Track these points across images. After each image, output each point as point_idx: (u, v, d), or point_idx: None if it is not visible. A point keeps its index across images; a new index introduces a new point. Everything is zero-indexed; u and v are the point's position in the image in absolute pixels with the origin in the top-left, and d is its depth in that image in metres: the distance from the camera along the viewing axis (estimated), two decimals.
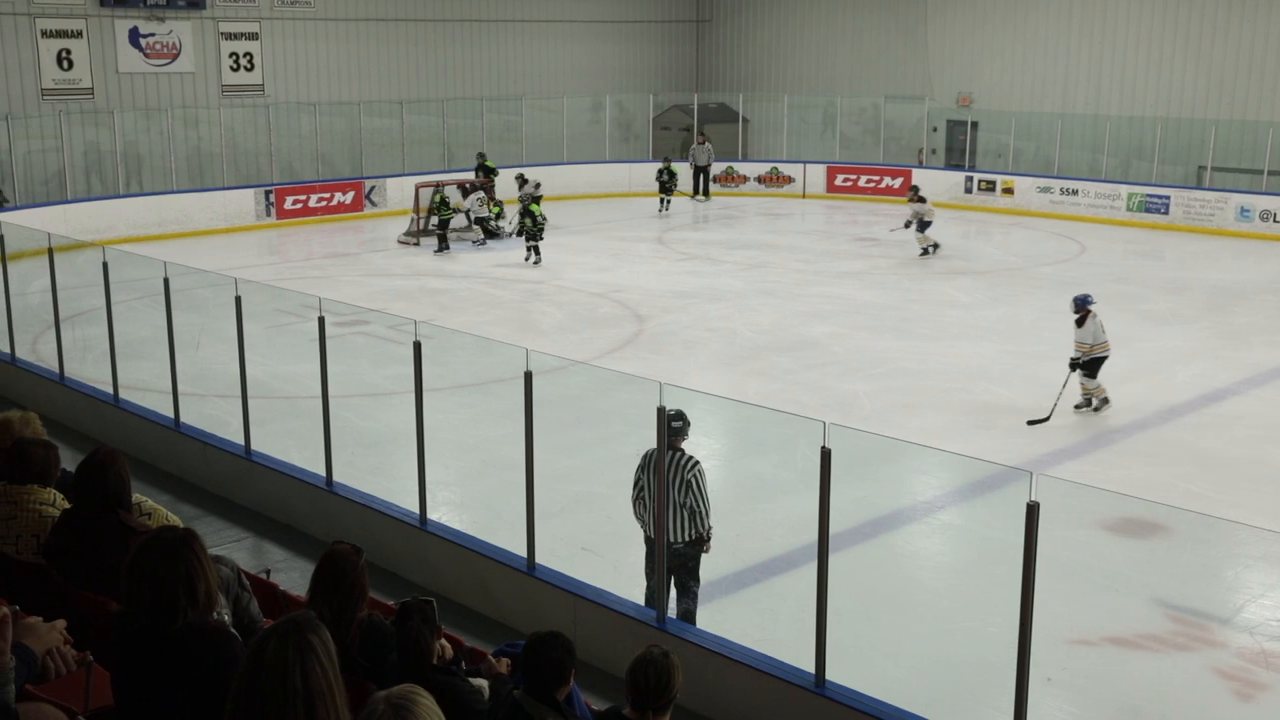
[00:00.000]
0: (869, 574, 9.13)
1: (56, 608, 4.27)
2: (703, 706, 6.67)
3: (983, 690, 7.41)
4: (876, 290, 19.45)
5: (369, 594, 4.76)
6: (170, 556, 3.62)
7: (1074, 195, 27.71)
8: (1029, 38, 29.82)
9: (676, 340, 16.27)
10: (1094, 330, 12.75)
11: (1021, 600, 5.50)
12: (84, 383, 12.16)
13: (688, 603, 7.74)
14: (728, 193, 31.18)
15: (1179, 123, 27.19)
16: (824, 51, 33.78)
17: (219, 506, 9.90)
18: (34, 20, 24.36)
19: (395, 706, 2.59)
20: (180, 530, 3.79)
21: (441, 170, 28.08)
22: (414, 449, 8.41)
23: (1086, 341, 12.76)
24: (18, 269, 13.81)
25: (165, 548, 3.66)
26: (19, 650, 3.17)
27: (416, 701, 2.62)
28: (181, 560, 3.62)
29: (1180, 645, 8.27)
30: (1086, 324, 12.77)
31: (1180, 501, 10.01)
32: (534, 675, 4.44)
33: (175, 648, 3.51)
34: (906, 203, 23.21)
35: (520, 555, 7.87)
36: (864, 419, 12.42)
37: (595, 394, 13.48)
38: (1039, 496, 5.38)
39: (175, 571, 3.59)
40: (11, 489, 5.11)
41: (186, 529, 3.81)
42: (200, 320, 14.29)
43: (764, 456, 11.59)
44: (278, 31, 27.91)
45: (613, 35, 34.32)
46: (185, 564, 3.62)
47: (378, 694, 2.65)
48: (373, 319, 15.83)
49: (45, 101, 24.51)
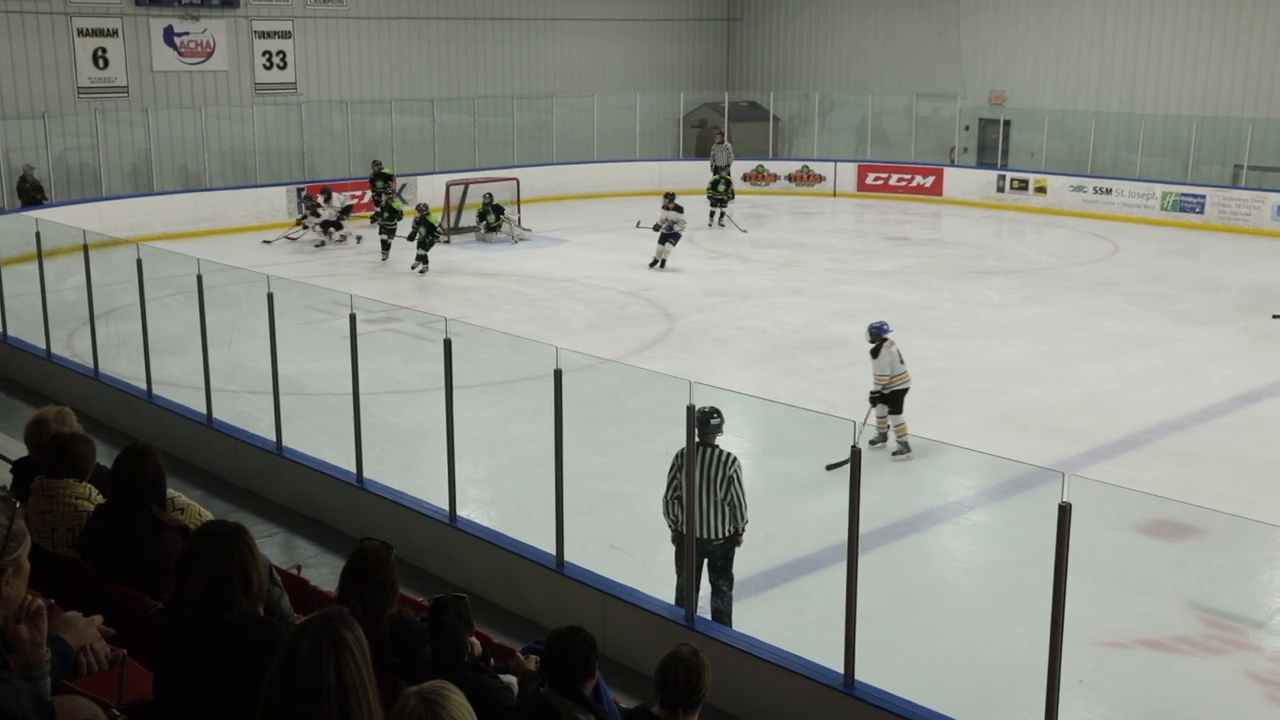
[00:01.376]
0: (899, 574, 9.09)
1: (90, 601, 4.31)
2: (731, 705, 6.66)
3: (1013, 692, 7.37)
4: (907, 289, 19.36)
5: (399, 590, 4.79)
6: (225, 548, 3.67)
7: (1108, 194, 27.50)
8: (1063, 35, 29.59)
9: (706, 339, 16.25)
10: (890, 360, 11.43)
11: (1053, 602, 5.46)
12: (118, 378, 12.27)
13: (719, 602, 7.73)
14: (758, 191, 31.10)
15: (1215, 121, 26.92)
16: (855, 49, 33.64)
17: (250, 502, 9.97)
18: (70, 19, 24.59)
19: (427, 701, 2.60)
20: (231, 523, 3.84)
21: (472, 168, 28.15)
22: (444, 446, 8.44)
23: (884, 373, 11.44)
24: (54, 265, 13.95)
25: (220, 539, 3.71)
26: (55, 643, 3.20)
27: (448, 696, 2.63)
28: (236, 551, 3.67)
29: (1214, 649, 8.19)
30: (882, 354, 11.42)
31: (1214, 503, 9.90)
32: (558, 670, 4.44)
33: (228, 637, 3.55)
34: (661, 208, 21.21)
35: (549, 553, 7.88)
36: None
37: (625, 392, 13.48)
38: (1071, 497, 5.34)
39: (230, 562, 3.64)
40: (48, 483, 5.16)
41: (236, 523, 3.85)
42: (233, 317, 14.39)
43: (794, 456, 11.56)
44: (310, 30, 28.05)
45: (644, 33, 34.31)
46: (239, 555, 3.67)
47: (409, 689, 2.67)
48: (403, 316, 15.89)
49: (81, 100, 24.73)
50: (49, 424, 5.55)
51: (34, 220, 14.44)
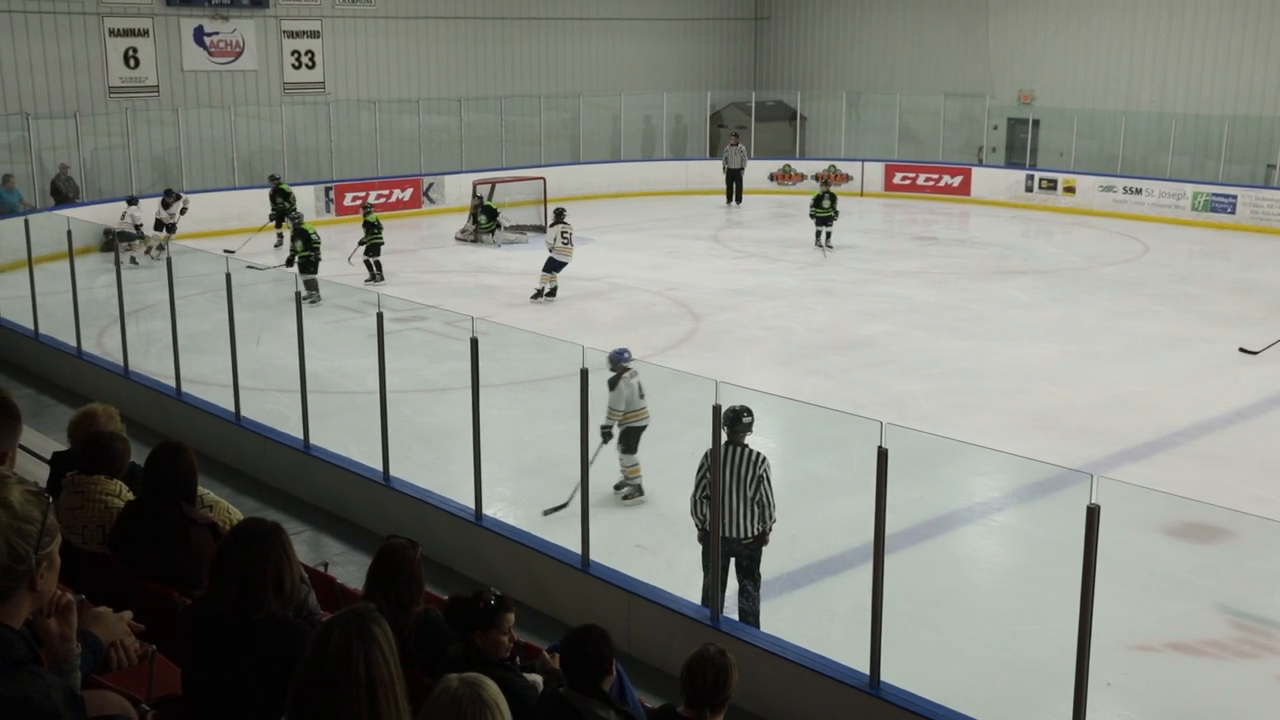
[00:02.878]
0: (925, 575, 9.06)
1: (120, 597, 4.35)
2: (756, 705, 6.66)
3: (1041, 694, 7.33)
4: (934, 289, 19.28)
5: (425, 588, 4.81)
6: (260, 548, 3.69)
7: (1137, 194, 27.30)
8: (1092, 34, 29.39)
9: (732, 339, 16.23)
10: (630, 394, 9.98)
11: (1081, 604, 5.43)
12: (148, 376, 12.36)
13: (746, 603, 7.72)
14: (784, 191, 31.04)
15: (1247, 120, 26.68)
16: (883, 48, 33.51)
17: (278, 499, 10.03)
18: (102, 19, 24.80)
19: (468, 683, 2.72)
20: (268, 522, 3.85)
21: (499, 168, 28.23)
22: (470, 444, 8.46)
23: (619, 407, 9.97)
24: (84, 264, 14.09)
25: (255, 539, 3.73)
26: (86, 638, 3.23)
27: (485, 681, 2.75)
28: (271, 552, 3.69)
29: (1244, 652, 8.12)
30: (620, 385, 9.97)
31: (1244, 506, 9.81)
32: (575, 669, 4.44)
33: (256, 637, 3.58)
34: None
35: (575, 552, 7.90)
36: (921, 419, 12.31)
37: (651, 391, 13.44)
38: (1099, 499, 5.31)
39: (265, 563, 3.67)
40: (80, 479, 5.21)
41: (274, 522, 3.86)
42: (261, 316, 14.48)
43: (820, 456, 11.53)
44: (339, 29, 28.19)
45: (671, 33, 34.30)
46: (274, 556, 3.69)
47: (449, 675, 2.75)
48: (430, 315, 15.94)
49: (112, 99, 24.93)
50: (97, 419, 5.60)
51: (65, 219, 14.58)
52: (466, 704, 2.68)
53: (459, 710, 2.67)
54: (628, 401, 9.96)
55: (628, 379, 9.97)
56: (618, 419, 9.98)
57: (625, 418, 10.01)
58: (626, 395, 9.95)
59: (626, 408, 9.97)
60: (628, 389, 9.95)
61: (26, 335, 14.21)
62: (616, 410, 9.94)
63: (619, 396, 9.93)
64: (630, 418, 10.04)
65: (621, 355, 10.13)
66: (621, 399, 9.93)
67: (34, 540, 2.50)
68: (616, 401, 9.92)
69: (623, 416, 9.99)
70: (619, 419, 9.98)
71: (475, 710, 2.68)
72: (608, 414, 9.95)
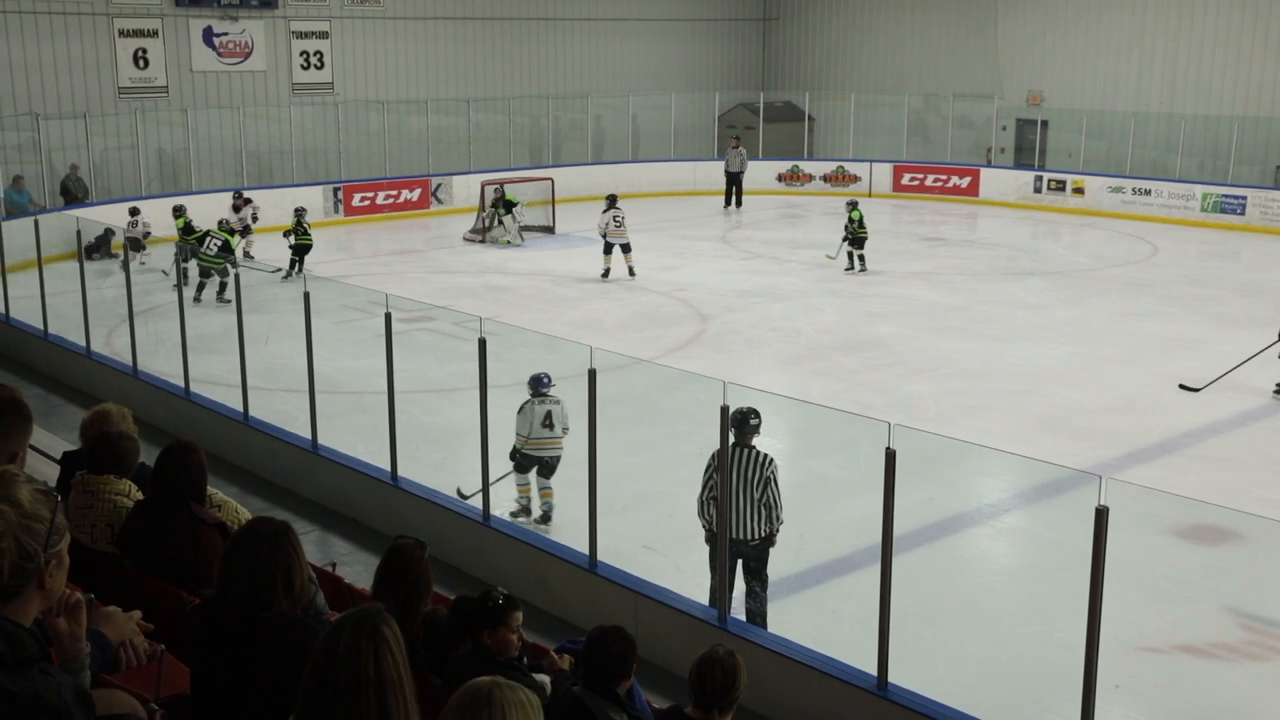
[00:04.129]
0: (933, 577, 9.05)
1: (129, 596, 4.36)
2: (763, 706, 6.66)
3: (1048, 696, 7.32)
4: (943, 290, 19.26)
5: (433, 588, 4.81)
6: (271, 547, 3.69)
7: (1146, 195, 27.24)
8: (1101, 35, 29.34)
9: (740, 339, 16.23)
10: (533, 421, 9.61)
11: (1089, 606, 5.42)
12: (156, 376, 12.39)
13: (753, 604, 7.72)
14: (793, 191, 31.03)
15: (1257, 121, 26.61)
16: (892, 49, 33.48)
17: (286, 499, 10.04)
18: (111, 20, 24.87)
19: (497, 683, 2.63)
20: (278, 521, 3.85)
21: (507, 168, 28.25)
22: (478, 445, 8.47)
23: (522, 432, 9.68)
24: (94, 264, 14.11)
25: (265, 538, 3.73)
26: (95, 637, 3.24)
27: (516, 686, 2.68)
28: (281, 550, 3.69)
29: (1253, 655, 8.10)
30: (525, 410, 9.70)
31: (1253, 508, 9.79)
32: (595, 670, 4.45)
33: (265, 636, 3.58)
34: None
35: (582, 552, 7.90)
36: (929, 420, 12.30)
37: (658, 392, 13.48)
38: (1108, 501, 5.30)
39: (275, 561, 3.66)
40: (89, 478, 5.22)
41: (283, 521, 3.86)
42: (269, 316, 14.50)
43: (828, 457, 11.53)
44: (347, 30, 28.24)
45: (679, 33, 34.31)
46: (284, 554, 3.69)
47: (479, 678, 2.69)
48: (438, 315, 15.96)
49: (122, 100, 25.01)
50: (110, 419, 5.61)
51: (75, 219, 14.61)
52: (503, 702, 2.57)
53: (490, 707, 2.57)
54: (531, 427, 9.59)
55: (534, 405, 9.62)
56: (520, 444, 9.66)
57: (527, 443, 9.64)
58: (531, 421, 9.59)
59: (529, 433, 9.60)
60: (532, 415, 9.60)
61: (36, 335, 14.25)
62: (520, 434, 9.65)
63: (524, 421, 9.63)
64: (533, 445, 9.63)
65: (540, 380, 9.74)
66: (526, 424, 9.61)
67: (43, 539, 2.51)
68: (521, 426, 9.65)
69: (524, 442, 9.64)
70: (521, 444, 9.65)
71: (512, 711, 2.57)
72: (515, 438, 9.71)
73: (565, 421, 9.66)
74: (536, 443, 9.63)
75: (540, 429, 9.59)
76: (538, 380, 9.74)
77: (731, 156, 28.75)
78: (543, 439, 9.62)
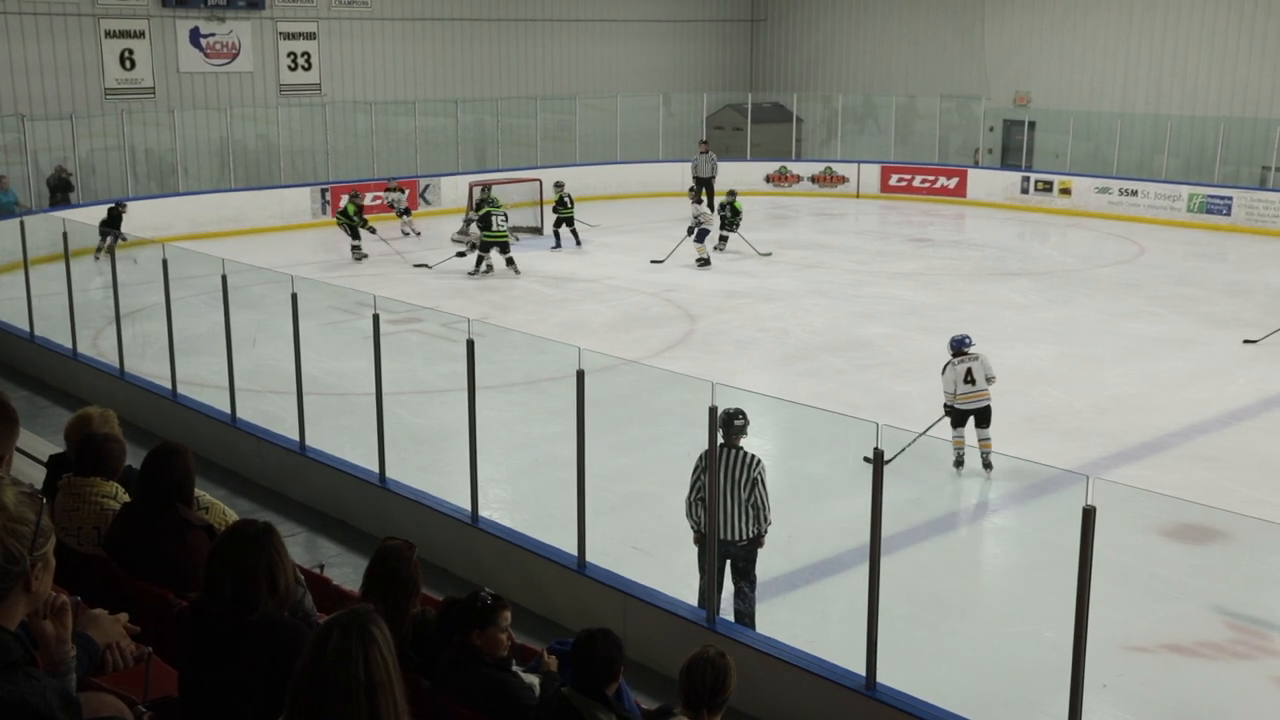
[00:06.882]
0: (921, 576, 9.06)
1: (116, 599, 4.34)
2: (752, 707, 6.66)
3: (1036, 695, 7.34)
4: (931, 291, 19.29)
5: (421, 589, 4.80)
6: (252, 548, 3.69)
7: (1133, 196, 27.33)
8: (1088, 36, 29.44)
9: (728, 340, 16.23)
10: (955, 378, 10.65)
11: (1077, 605, 5.44)
12: (143, 378, 12.35)
13: (742, 604, 7.72)
14: (780, 193, 31.05)
15: (1242, 122, 26.72)
16: (879, 51, 33.55)
17: (273, 501, 10.02)
18: (98, 21, 24.78)
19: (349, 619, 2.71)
20: (260, 523, 3.86)
21: (495, 169, 28.23)
22: (466, 446, 8.46)
23: (948, 390, 10.77)
24: (80, 266, 14.07)
25: (246, 540, 3.73)
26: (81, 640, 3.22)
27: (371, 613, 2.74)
28: (264, 552, 3.69)
29: (1240, 654, 8.13)
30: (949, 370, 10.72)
31: (1240, 507, 9.84)
32: (584, 671, 4.45)
33: (251, 637, 3.57)
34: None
35: (571, 554, 7.89)
36: (917, 420, 12.31)
37: (647, 393, 13.48)
38: (1095, 500, 5.31)
39: (257, 563, 3.67)
40: (75, 481, 5.20)
41: (265, 522, 3.87)
42: (257, 317, 14.45)
43: (816, 457, 11.54)
44: (335, 31, 28.19)
45: (667, 34, 34.32)
46: (267, 556, 3.69)
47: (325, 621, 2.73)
48: (426, 317, 15.93)
49: (108, 101, 24.92)
50: (92, 422, 5.59)
51: (61, 220, 14.56)
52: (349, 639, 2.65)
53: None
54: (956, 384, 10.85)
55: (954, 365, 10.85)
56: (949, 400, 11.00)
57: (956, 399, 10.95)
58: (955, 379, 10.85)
59: (955, 390, 10.89)
60: (955, 374, 10.85)
61: (22, 337, 14.19)
62: (947, 392, 10.98)
63: (948, 379, 10.94)
64: (962, 399, 10.94)
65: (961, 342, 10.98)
66: (951, 382, 10.89)
67: (28, 541, 2.50)
68: (946, 384, 10.98)
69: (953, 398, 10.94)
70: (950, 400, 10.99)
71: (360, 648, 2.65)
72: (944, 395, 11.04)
73: (988, 371, 10.88)
74: (964, 397, 10.81)
75: (963, 385, 10.79)
76: (959, 342, 11.03)
77: (701, 161, 28.21)
78: (969, 393, 10.80)
